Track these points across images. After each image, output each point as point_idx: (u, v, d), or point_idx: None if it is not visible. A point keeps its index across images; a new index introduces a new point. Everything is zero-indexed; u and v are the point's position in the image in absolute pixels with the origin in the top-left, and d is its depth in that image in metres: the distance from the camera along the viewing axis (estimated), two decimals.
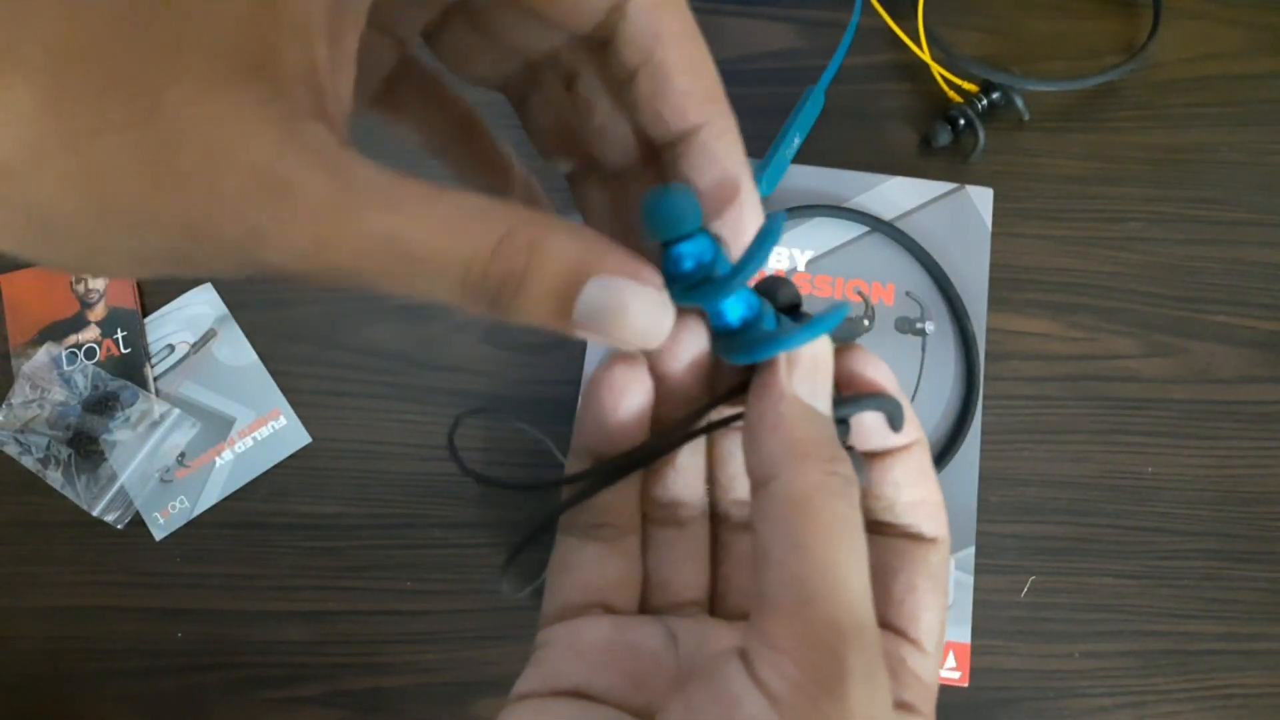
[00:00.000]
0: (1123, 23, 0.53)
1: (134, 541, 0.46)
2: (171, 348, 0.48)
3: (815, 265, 0.48)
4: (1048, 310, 0.48)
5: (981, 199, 0.49)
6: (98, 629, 0.45)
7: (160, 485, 0.47)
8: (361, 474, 0.47)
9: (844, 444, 0.20)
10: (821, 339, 0.19)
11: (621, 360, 0.20)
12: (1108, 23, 0.53)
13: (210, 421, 0.48)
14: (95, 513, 0.46)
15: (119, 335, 0.48)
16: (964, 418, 0.46)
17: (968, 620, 0.44)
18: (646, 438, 0.21)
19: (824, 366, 0.19)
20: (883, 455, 0.21)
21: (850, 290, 0.47)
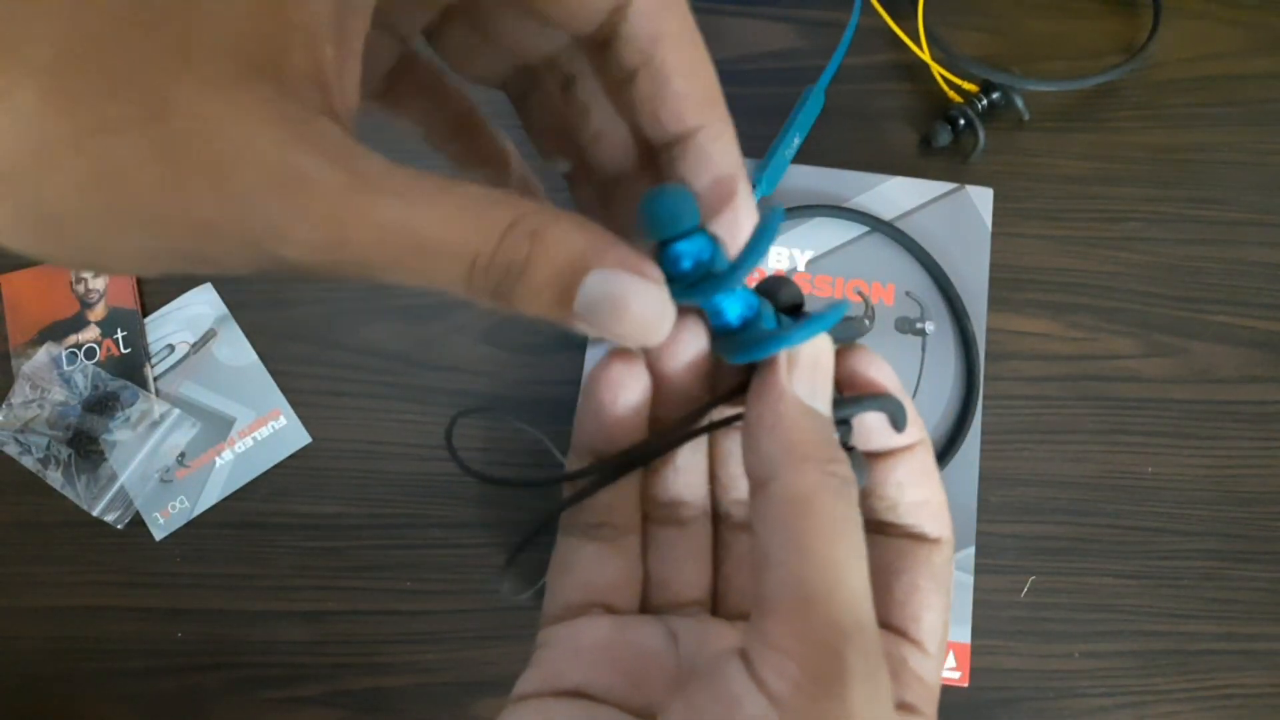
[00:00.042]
0: (1123, 23, 0.53)
1: (134, 541, 0.46)
2: (171, 348, 0.48)
3: (815, 265, 0.48)
4: (1048, 310, 0.48)
5: (981, 199, 0.49)
6: (98, 629, 0.45)
7: (160, 485, 0.47)
8: (361, 474, 0.47)
9: (846, 444, 0.20)
10: (821, 338, 0.19)
11: (619, 356, 0.20)
12: (1108, 23, 0.53)
13: (210, 421, 0.48)
14: (95, 513, 0.46)
15: (119, 335, 0.48)
16: (964, 418, 0.46)
17: (968, 620, 0.44)
18: (644, 435, 0.21)
19: (824, 367, 0.19)
20: (885, 455, 0.21)
21: (850, 290, 0.47)
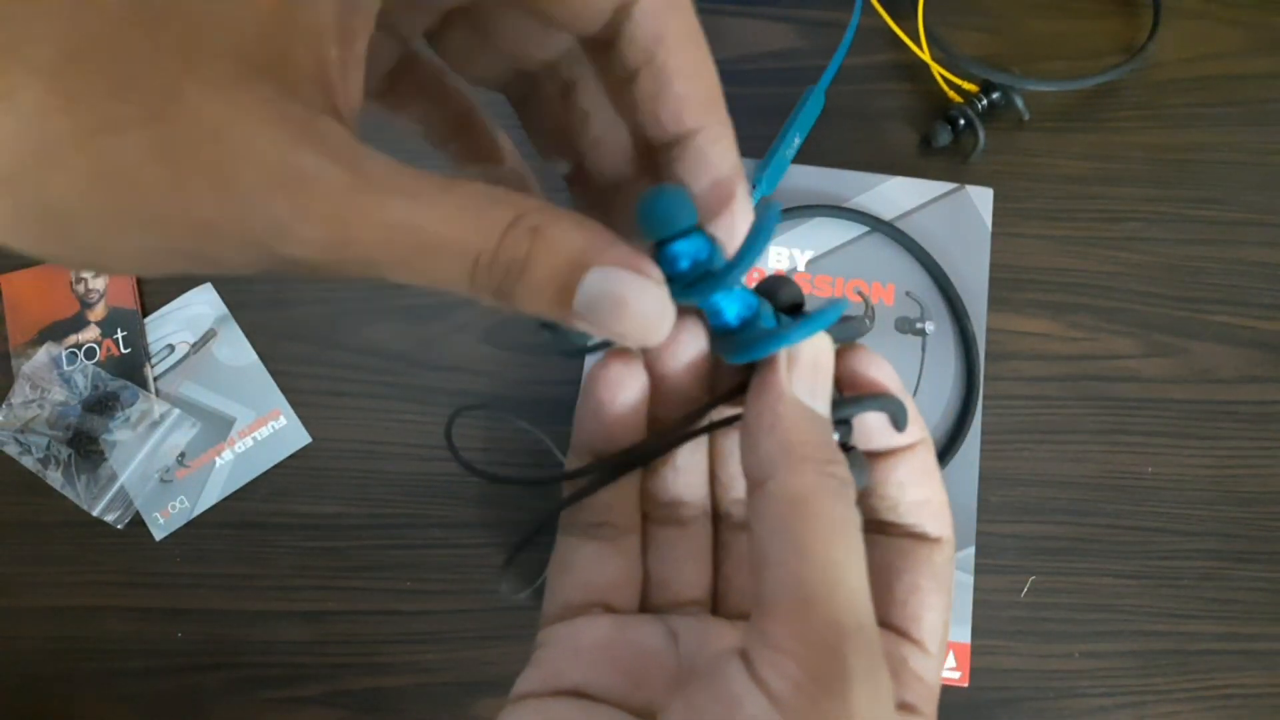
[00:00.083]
0: (1123, 23, 0.53)
1: (134, 541, 0.46)
2: (171, 348, 0.48)
3: (815, 265, 0.48)
4: (1048, 310, 0.48)
5: (981, 199, 0.49)
6: (98, 629, 0.45)
7: (160, 485, 0.47)
8: (361, 474, 0.47)
9: (846, 444, 0.20)
10: (822, 339, 0.19)
11: (617, 356, 0.20)
12: (1108, 23, 0.53)
13: (210, 421, 0.48)
14: (95, 513, 0.46)
15: (119, 335, 0.48)
16: (964, 418, 0.46)
17: (968, 620, 0.44)
18: (643, 435, 0.21)
19: (824, 367, 0.19)
20: (886, 455, 0.21)
21: (850, 290, 0.47)
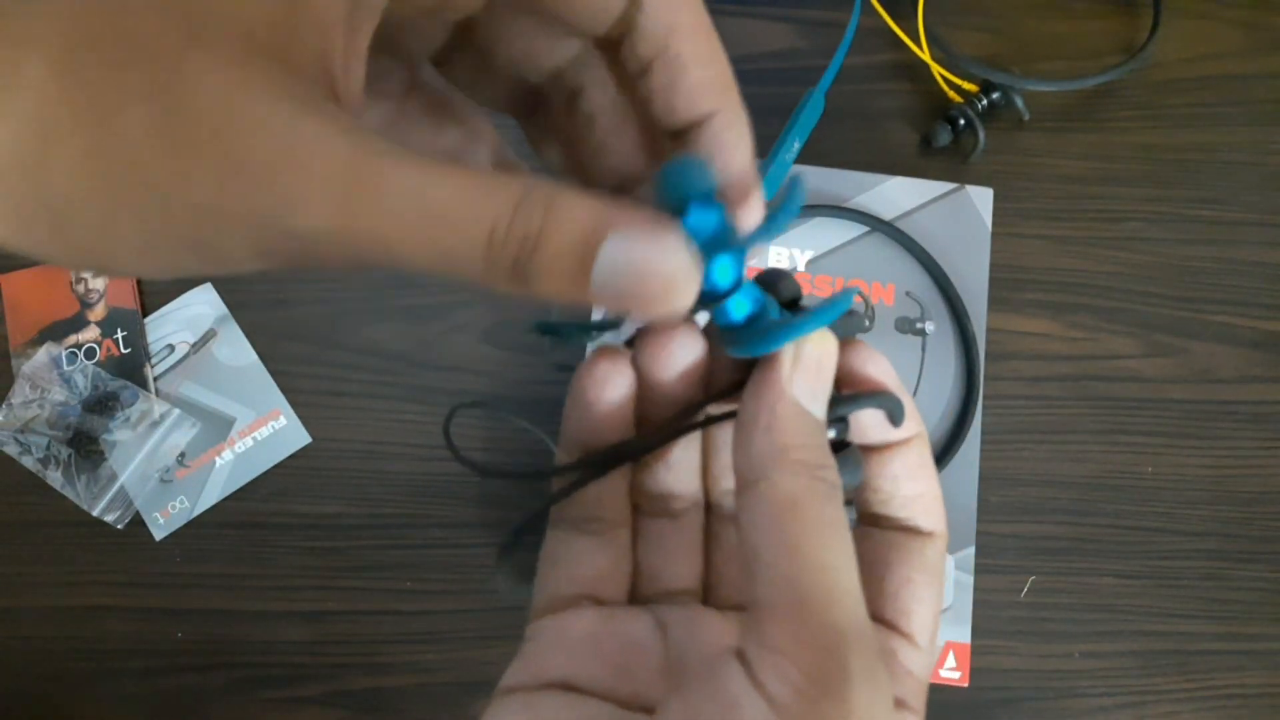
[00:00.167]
0: (1123, 23, 0.53)
1: (134, 541, 0.46)
2: (171, 348, 0.48)
3: (815, 265, 0.48)
4: (1048, 310, 0.48)
5: (981, 199, 0.49)
6: (98, 629, 0.45)
7: (160, 485, 0.47)
8: (361, 474, 0.47)
9: (843, 440, 0.20)
10: (829, 340, 0.19)
11: (605, 354, 0.20)
12: (1108, 23, 0.53)
13: (210, 421, 0.48)
14: (95, 513, 0.46)
15: (119, 335, 0.48)
16: (964, 418, 0.46)
17: (968, 620, 0.44)
18: (630, 432, 0.21)
19: (827, 369, 0.19)
20: (882, 449, 0.21)
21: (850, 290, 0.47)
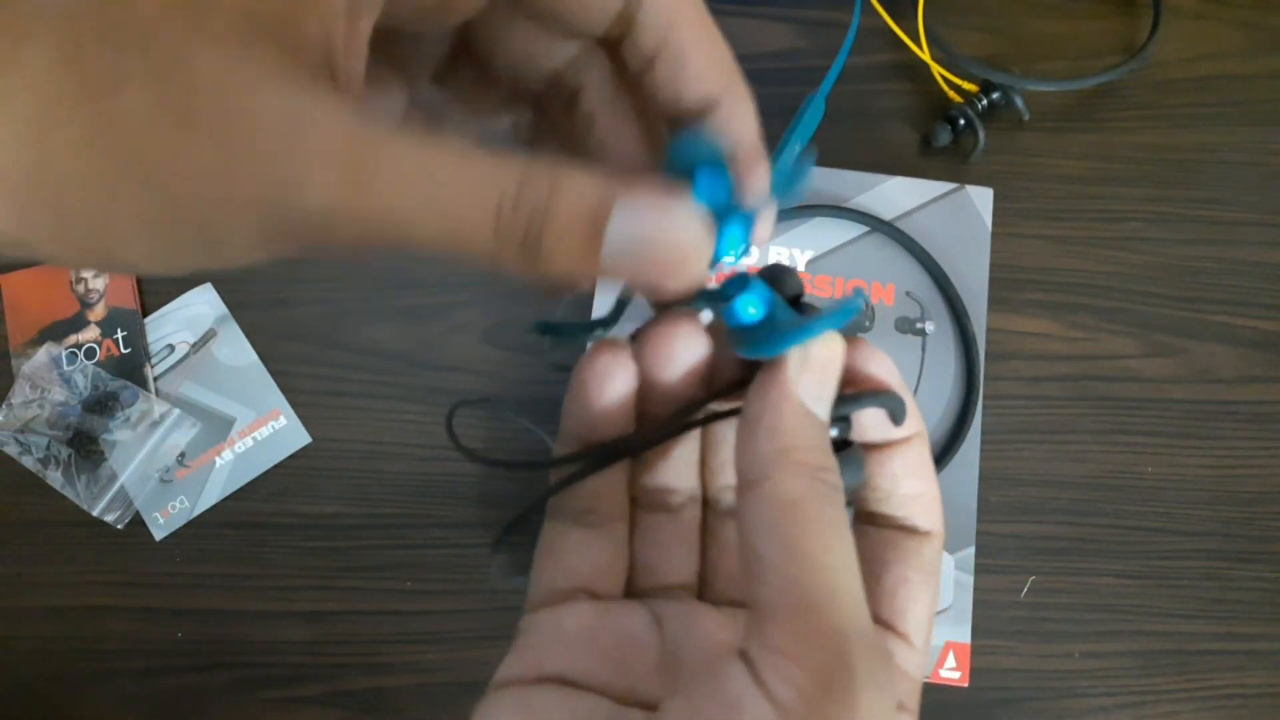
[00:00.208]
0: (1123, 23, 0.53)
1: (134, 541, 0.46)
2: (171, 348, 0.48)
3: (815, 265, 0.48)
4: (1048, 310, 0.48)
5: (981, 199, 0.48)
6: (98, 629, 0.45)
7: (160, 485, 0.47)
8: (361, 474, 0.47)
9: (845, 439, 0.20)
10: (836, 342, 0.19)
11: (606, 347, 0.20)
12: (1108, 23, 0.53)
13: (210, 421, 0.48)
14: (95, 513, 0.46)
15: (119, 335, 0.48)
16: (964, 418, 0.46)
17: (968, 620, 0.44)
18: (630, 427, 0.21)
19: (833, 370, 0.19)
20: (882, 447, 0.21)
21: (850, 290, 0.47)
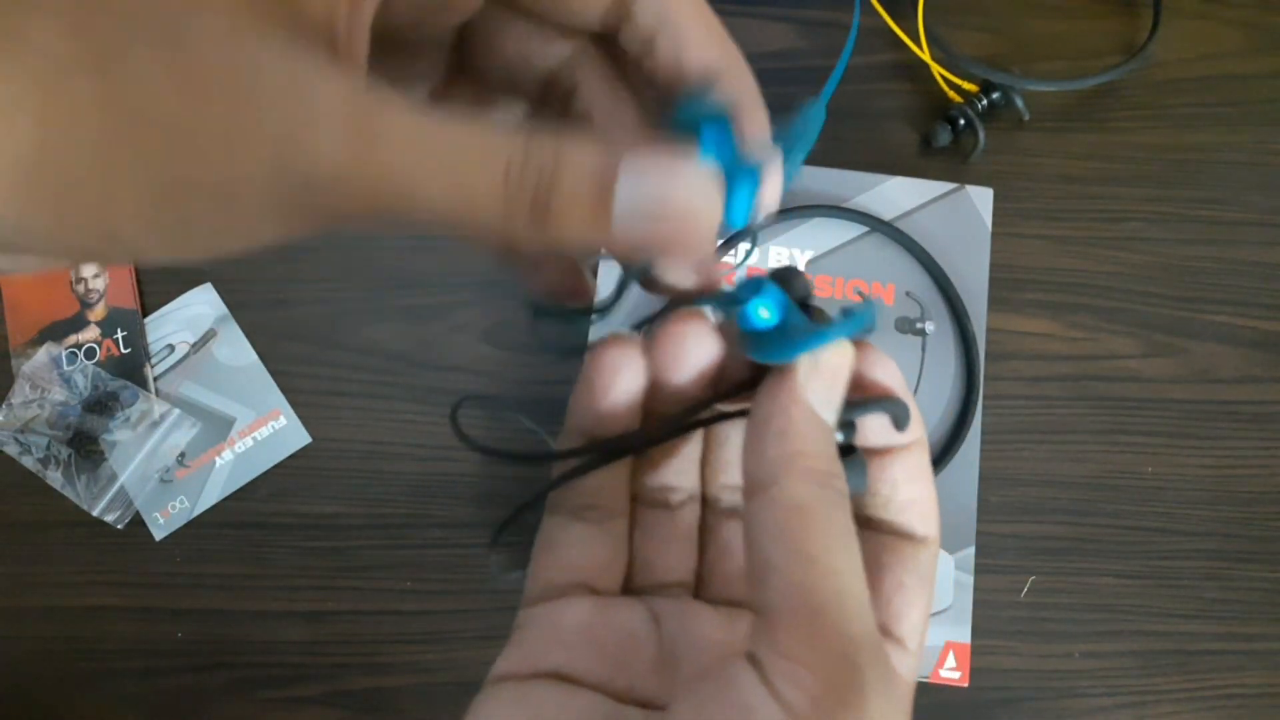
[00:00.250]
0: (1123, 23, 0.53)
1: (134, 541, 0.46)
2: (171, 348, 0.48)
3: (815, 265, 0.48)
4: (1048, 310, 0.48)
5: (981, 199, 0.48)
6: (98, 629, 0.45)
7: (160, 485, 0.47)
8: (361, 474, 0.47)
9: (849, 444, 0.20)
10: (846, 348, 0.19)
11: (617, 342, 0.20)
12: (1108, 23, 0.53)
13: (210, 421, 0.48)
14: (95, 513, 0.46)
15: (119, 335, 0.48)
16: (964, 418, 0.46)
17: (968, 620, 0.44)
18: (637, 423, 0.21)
19: (842, 376, 0.19)
20: (883, 453, 0.21)
21: (850, 290, 0.47)
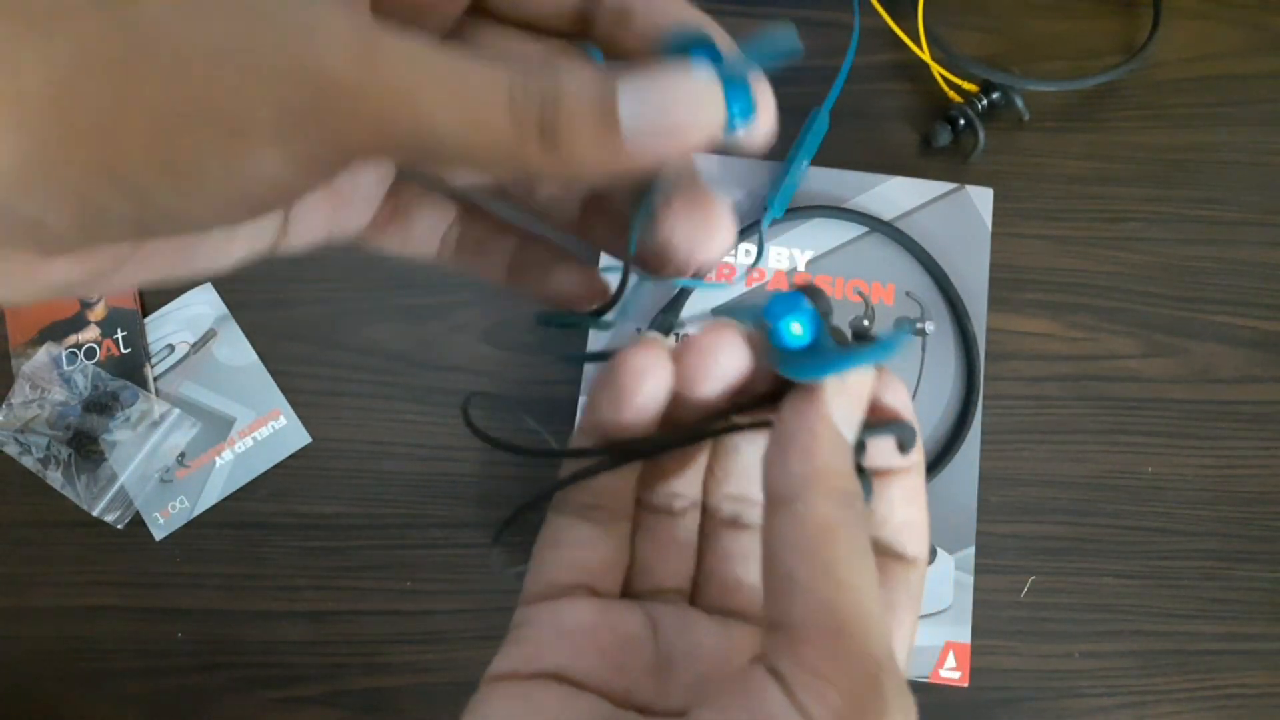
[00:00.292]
0: (1123, 23, 0.53)
1: (134, 541, 0.46)
2: (171, 348, 0.48)
3: (815, 265, 0.48)
4: (1048, 310, 0.48)
5: (981, 199, 0.49)
6: (98, 629, 0.45)
7: (160, 485, 0.47)
8: (361, 474, 0.47)
9: (859, 465, 0.20)
10: (869, 370, 0.19)
11: (647, 346, 0.20)
12: (1108, 23, 0.53)
13: (210, 421, 0.48)
14: (95, 513, 0.46)
15: (119, 335, 0.48)
16: (964, 418, 0.46)
17: (968, 620, 0.44)
18: (655, 427, 0.21)
19: (865, 398, 0.19)
20: (883, 474, 0.21)
21: (850, 290, 0.47)
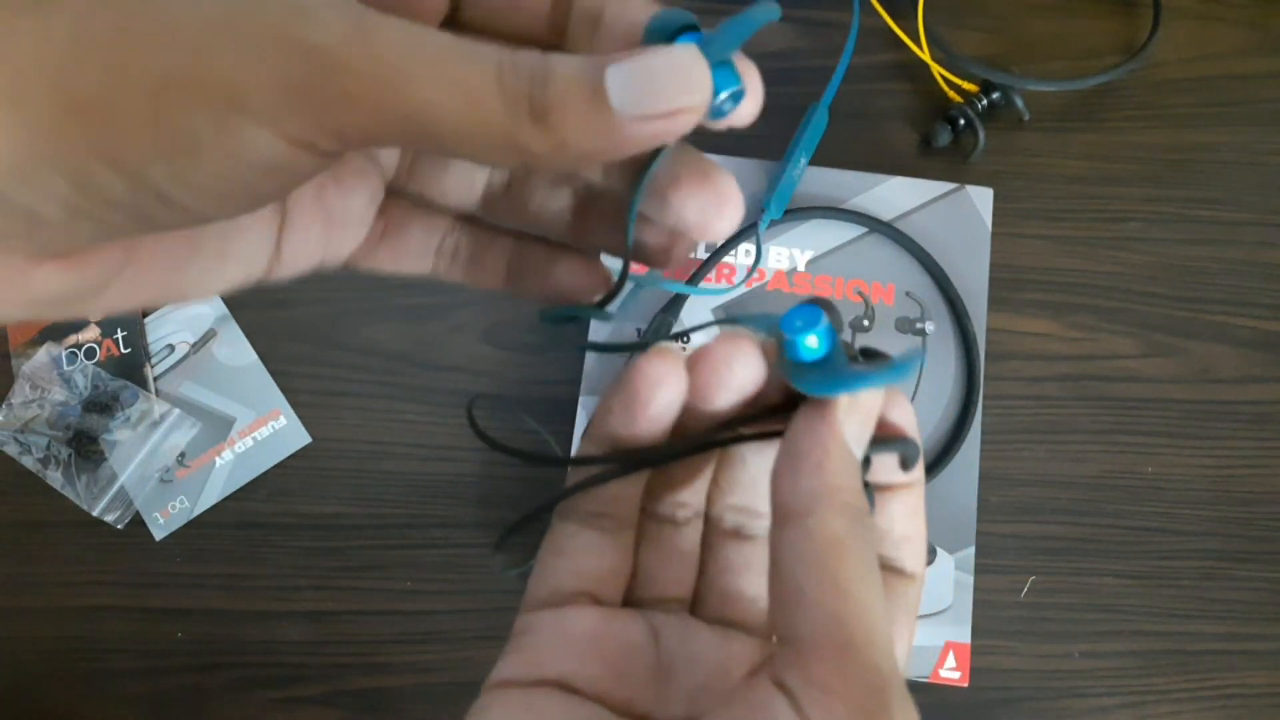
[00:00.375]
0: (1123, 23, 0.53)
1: (134, 541, 0.46)
2: (171, 348, 0.48)
3: (815, 265, 0.48)
4: (1048, 310, 0.48)
5: (981, 199, 0.49)
6: (98, 629, 0.45)
7: (160, 485, 0.47)
8: (361, 474, 0.47)
9: (864, 481, 0.20)
10: (879, 388, 0.19)
11: (662, 354, 0.20)
12: (1108, 23, 0.53)
13: (210, 421, 0.48)
14: (95, 513, 0.46)
15: (119, 335, 0.48)
16: (964, 418, 0.46)
17: (968, 620, 0.44)
18: (667, 436, 0.21)
19: (874, 415, 0.19)
20: (885, 489, 0.21)
21: (850, 290, 0.47)
